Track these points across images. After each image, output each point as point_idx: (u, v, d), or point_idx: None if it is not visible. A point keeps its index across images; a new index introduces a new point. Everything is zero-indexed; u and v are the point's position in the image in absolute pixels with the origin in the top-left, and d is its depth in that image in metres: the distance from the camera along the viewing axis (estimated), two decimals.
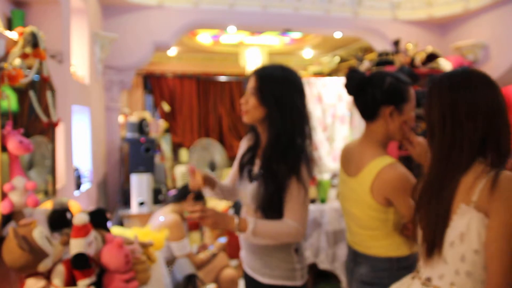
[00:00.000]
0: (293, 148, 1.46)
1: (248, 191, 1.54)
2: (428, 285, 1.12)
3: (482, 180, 1.01)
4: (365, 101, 1.49)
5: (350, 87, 1.53)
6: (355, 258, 1.56)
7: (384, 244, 1.47)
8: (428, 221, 1.11)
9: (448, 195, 1.06)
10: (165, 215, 2.73)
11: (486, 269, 1.01)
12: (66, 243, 1.43)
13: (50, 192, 1.97)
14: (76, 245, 1.38)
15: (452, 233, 1.05)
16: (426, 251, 1.12)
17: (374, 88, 1.46)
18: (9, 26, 1.88)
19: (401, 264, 1.44)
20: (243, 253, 1.67)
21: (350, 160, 1.57)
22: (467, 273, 1.03)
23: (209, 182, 1.64)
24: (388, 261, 1.45)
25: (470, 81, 1.08)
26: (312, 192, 3.38)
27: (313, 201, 3.42)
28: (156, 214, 2.86)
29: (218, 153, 6.09)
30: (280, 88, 1.48)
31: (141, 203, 3.51)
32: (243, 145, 1.70)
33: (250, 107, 1.51)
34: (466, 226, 1.02)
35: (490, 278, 0.99)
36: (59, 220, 1.54)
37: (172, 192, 3.98)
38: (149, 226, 2.56)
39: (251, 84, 1.53)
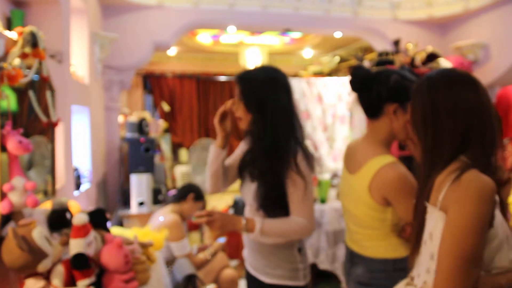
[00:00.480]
0: (286, 146, 1.46)
1: (250, 191, 1.54)
2: (410, 284, 1.13)
3: (450, 180, 0.99)
4: (370, 98, 1.48)
5: (355, 84, 1.51)
6: (351, 258, 1.55)
7: (380, 245, 1.46)
8: (414, 221, 1.13)
9: (426, 195, 1.07)
10: (164, 215, 2.72)
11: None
12: (65, 243, 1.43)
13: (49, 192, 1.96)
14: (76, 245, 1.37)
15: (425, 232, 1.05)
16: (411, 250, 1.13)
17: (379, 85, 1.45)
18: (9, 26, 1.88)
19: (397, 265, 1.42)
20: (246, 253, 1.67)
21: (352, 158, 1.56)
22: (435, 271, 1.01)
23: (227, 135, 1.62)
24: (384, 262, 1.44)
25: (449, 81, 1.07)
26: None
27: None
28: (155, 214, 2.86)
29: None
30: (262, 88, 1.49)
31: (141, 203, 3.51)
32: (243, 145, 1.70)
33: (241, 113, 1.53)
34: (434, 226, 1.01)
35: (436, 278, 0.97)
36: (59, 220, 1.53)
37: (172, 192, 3.97)
38: (149, 226, 2.55)
39: (236, 90, 1.55)
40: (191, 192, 2.85)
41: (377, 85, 1.45)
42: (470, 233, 0.92)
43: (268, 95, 1.48)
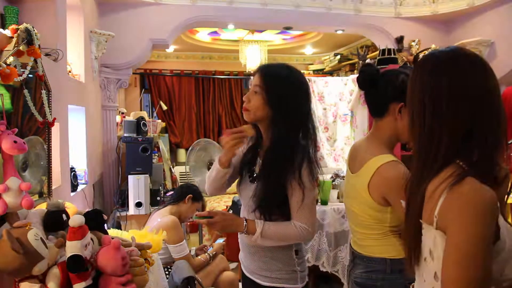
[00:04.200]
0: (295, 151, 1.44)
1: (249, 191, 1.52)
2: None
3: (443, 191, 0.86)
4: (376, 97, 1.49)
5: (362, 81, 1.52)
6: (353, 259, 1.55)
7: (378, 244, 1.45)
8: (406, 230, 1.00)
9: (418, 204, 0.94)
10: (162, 216, 2.69)
11: None
12: (61, 246, 1.40)
13: (45, 193, 1.93)
14: (72, 248, 1.34)
15: (424, 248, 0.93)
16: (407, 264, 1.02)
17: (386, 84, 1.46)
18: (2, 23, 1.84)
19: (395, 266, 1.41)
20: (242, 255, 1.65)
21: (355, 157, 1.56)
22: None
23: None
24: (381, 261, 1.44)
25: (455, 62, 0.92)
26: None
27: None
28: (153, 215, 2.82)
29: (217, 153, 6.02)
30: (286, 88, 1.45)
31: (139, 204, 3.48)
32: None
33: (253, 106, 1.48)
34: (433, 243, 0.89)
35: None
36: (55, 221, 1.51)
37: (170, 193, 3.94)
38: (147, 228, 2.52)
39: (256, 81, 1.49)
40: (189, 193, 2.81)
41: (384, 84, 1.47)
42: (477, 256, 0.81)
43: (290, 96, 1.45)
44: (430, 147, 0.92)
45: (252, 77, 1.54)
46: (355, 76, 3.85)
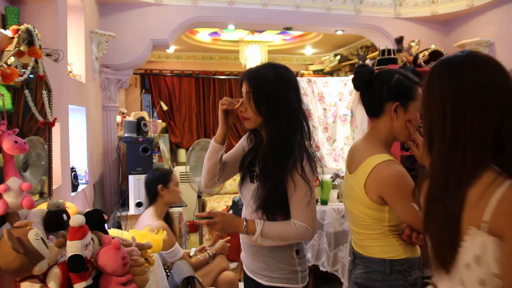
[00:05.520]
0: (290, 150, 1.44)
1: (250, 191, 1.53)
2: None
3: (495, 195, 0.83)
4: (372, 97, 1.49)
5: (358, 82, 1.53)
6: (354, 259, 1.56)
7: (378, 245, 1.45)
8: (436, 237, 0.96)
9: (455, 211, 0.89)
10: (152, 220, 2.62)
11: None
12: (62, 245, 1.40)
13: (45, 193, 1.94)
14: (73, 247, 1.34)
15: (467, 255, 0.89)
16: (438, 269, 0.98)
17: (382, 84, 1.46)
18: (3, 24, 1.84)
19: (394, 267, 1.42)
20: (243, 255, 1.66)
21: (353, 158, 1.57)
22: None
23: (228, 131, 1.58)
24: (381, 262, 1.44)
25: (476, 65, 0.89)
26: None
27: None
28: (141, 218, 2.70)
29: None
30: (276, 88, 1.46)
31: (139, 204, 3.48)
32: (242, 141, 1.68)
33: (251, 114, 1.49)
34: (481, 249, 0.86)
35: None
36: (55, 221, 1.51)
37: None
38: (148, 228, 2.50)
39: (245, 89, 1.50)
40: (158, 184, 2.67)
41: (379, 84, 1.47)
42: None
43: (280, 95, 1.45)
44: (454, 153, 0.89)
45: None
46: None
